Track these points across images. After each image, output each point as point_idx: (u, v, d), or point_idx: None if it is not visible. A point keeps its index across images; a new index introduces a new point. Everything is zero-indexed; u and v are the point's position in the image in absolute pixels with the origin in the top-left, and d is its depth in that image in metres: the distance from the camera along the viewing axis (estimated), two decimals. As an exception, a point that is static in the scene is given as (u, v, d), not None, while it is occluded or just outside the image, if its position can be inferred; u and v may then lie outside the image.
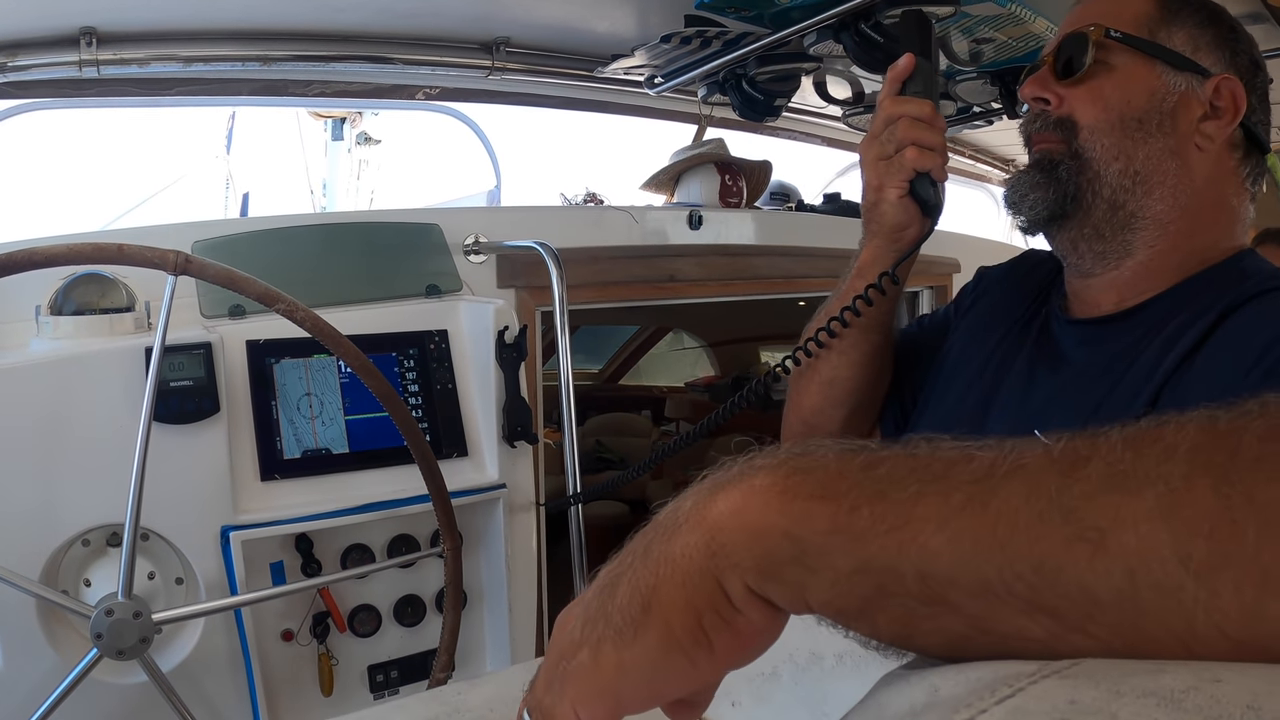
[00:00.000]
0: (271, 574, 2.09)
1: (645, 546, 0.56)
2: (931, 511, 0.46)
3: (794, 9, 2.25)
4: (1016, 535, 0.43)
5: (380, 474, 2.19)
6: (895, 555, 0.46)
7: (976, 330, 1.57)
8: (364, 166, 4.13)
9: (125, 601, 1.68)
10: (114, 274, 2.02)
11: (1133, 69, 1.29)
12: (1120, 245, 1.31)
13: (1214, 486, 0.40)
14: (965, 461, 0.48)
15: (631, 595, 0.55)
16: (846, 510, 0.48)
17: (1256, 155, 1.34)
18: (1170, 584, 0.40)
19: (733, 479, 0.53)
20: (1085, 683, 0.40)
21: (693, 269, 3.04)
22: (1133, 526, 0.41)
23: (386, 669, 2.27)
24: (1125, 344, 1.25)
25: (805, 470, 0.51)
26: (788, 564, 0.49)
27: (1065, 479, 0.44)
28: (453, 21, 2.58)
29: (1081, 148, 1.30)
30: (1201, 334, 1.13)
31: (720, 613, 0.52)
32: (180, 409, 1.90)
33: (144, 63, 2.34)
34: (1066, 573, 0.42)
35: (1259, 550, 0.38)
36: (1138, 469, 0.42)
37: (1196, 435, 0.43)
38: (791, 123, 3.85)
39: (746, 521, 0.51)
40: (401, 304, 2.41)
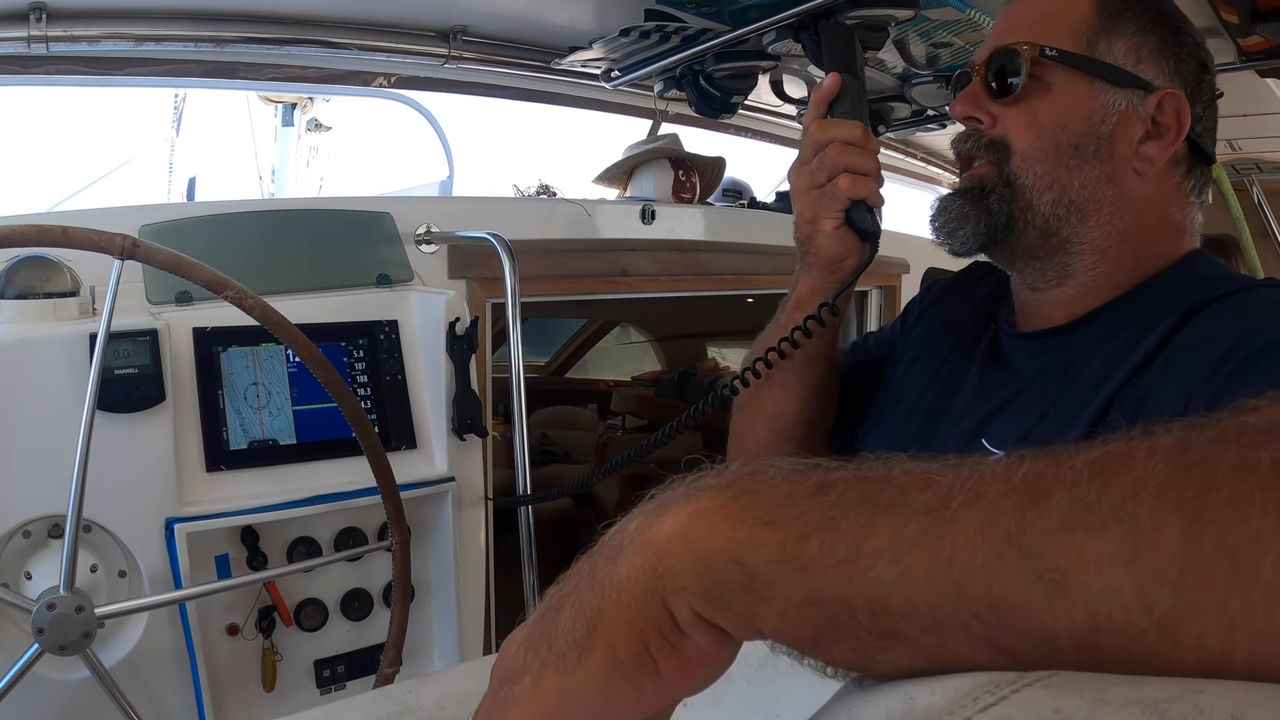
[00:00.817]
0: (217, 567, 2.05)
1: (590, 569, 0.55)
2: (884, 544, 0.45)
3: (753, 7, 2.24)
4: (972, 574, 0.42)
5: (328, 466, 2.16)
6: (846, 587, 0.45)
7: (925, 344, 1.55)
8: (314, 153, 4.08)
9: (67, 595, 1.64)
10: (58, 257, 1.97)
11: (1069, 89, 1.24)
12: (1058, 266, 1.28)
13: (1184, 527, 0.39)
14: (920, 488, 0.47)
15: (575, 619, 0.53)
16: (795, 539, 0.47)
17: (1202, 166, 1.30)
18: (1133, 632, 0.39)
19: (678, 499, 0.53)
20: (1069, 692, 0.40)
21: (645, 264, 3.04)
22: (1095, 569, 0.40)
23: (333, 664, 2.24)
24: (1075, 354, 1.23)
25: (752, 493, 0.50)
26: (736, 591, 0.48)
27: (1025, 513, 0.43)
28: (410, 8, 2.55)
29: (1014, 174, 1.25)
30: (1159, 340, 1.10)
31: (667, 637, 0.51)
32: (125, 397, 1.86)
33: (94, 40, 2.29)
34: (1025, 614, 0.41)
35: (1227, 600, 0.38)
36: (1103, 503, 0.41)
37: (1167, 467, 0.41)
38: (747, 120, 3.86)
39: (692, 544, 0.50)
40: (351, 293, 2.38)
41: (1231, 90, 2.88)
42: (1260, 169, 4.10)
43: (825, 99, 1.41)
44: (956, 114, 1.31)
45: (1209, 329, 1.06)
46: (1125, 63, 1.24)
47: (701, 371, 6.38)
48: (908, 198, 5.03)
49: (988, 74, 1.27)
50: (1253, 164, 4.03)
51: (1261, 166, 4.06)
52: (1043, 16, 1.28)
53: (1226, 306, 1.09)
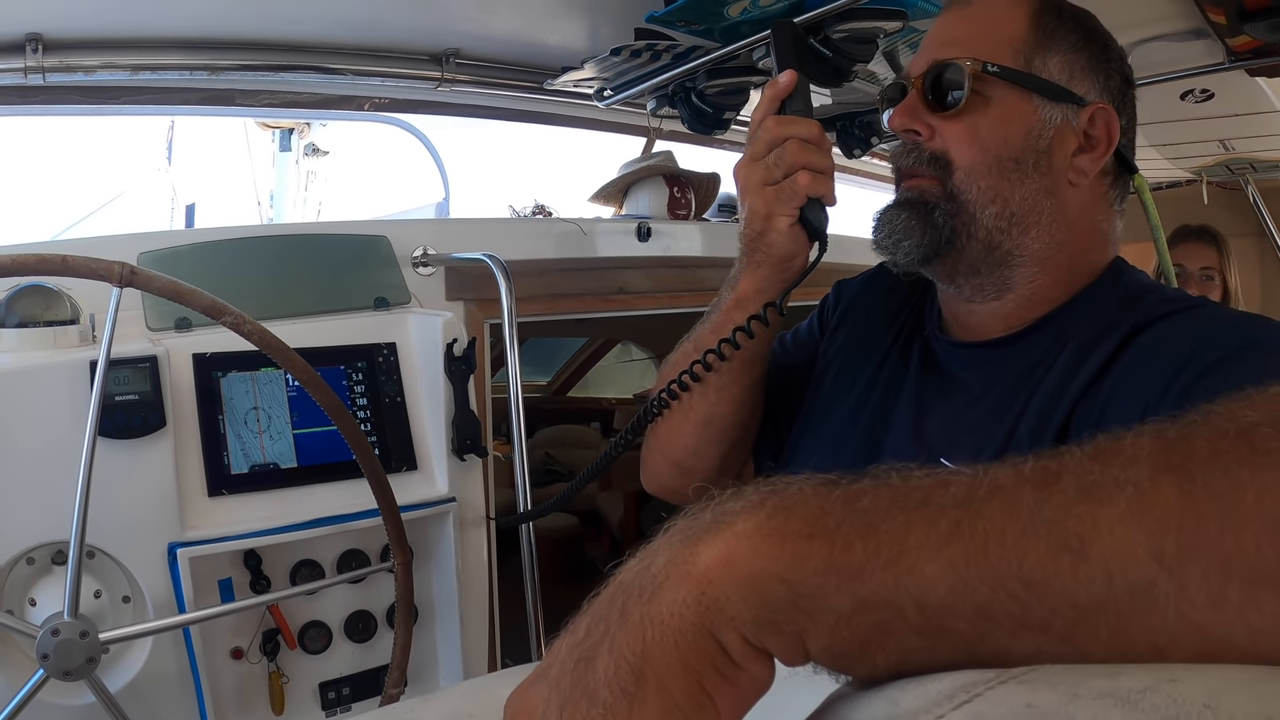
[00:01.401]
0: (220, 591, 2.06)
1: (621, 610, 0.53)
2: (923, 539, 0.46)
3: (743, 23, 2.26)
4: (1006, 552, 0.44)
5: (329, 489, 2.16)
6: (893, 589, 0.46)
7: (851, 351, 1.55)
8: (312, 178, 4.09)
9: (71, 621, 1.65)
10: (58, 286, 1.99)
11: (1009, 105, 1.25)
12: (999, 280, 1.29)
13: (1177, 484, 0.43)
14: (942, 487, 0.49)
15: (617, 666, 0.51)
16: (841, 548, 0.48)
17: (1125, 176, 1.33)
18: (1145, 581, 0.42)
19: (711, 527, 0.52)
20: (1042, 686, 0.41)
21: (641, 281, 3.05)
22: (1109, 531, 0.43)
23: (338, 686, 2.24)
24: (1024, 366, 1.23)
25: (788, 509, 0.50)
26: (785, 610, 0.48)
27: (1041, 493, 0.46)
28: (402, 33, 2.57)
29: (957, 189, 1.26)
30: (1107, 356, 1.12)
31: (721, 671, 0.50)
32: (126, 423, 1.87)
33: (90, 70, 2.31)
34: (1053, 584, 0.43)
35: (1221, 539, 0.42)
36: (1106, 477, 0.45)
37: (1153, 443, 0.46)
38: (740, 135, 3.84)
39: (738, 570, 0.49)
40: (349, 316, 2.39)
41: (1222, 90, 2.92)
42: (1255, 168, 4.12)
43: (780, 96, 1.39)
44: (894, 126, 1.31)
45: (1158, 347, 1.08)
46: (1060, 78, 1.26)
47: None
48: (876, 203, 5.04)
49: (925, 87, 1.27)
50: (1247, 163, 4.05)
51: (1256, 165, 4.08)
52: (980, 33, 1.29)
53: (1172, 325, 1.12)
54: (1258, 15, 2.13)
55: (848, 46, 2.20)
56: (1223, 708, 0.36)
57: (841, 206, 1.40)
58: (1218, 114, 3.18)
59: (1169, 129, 3.42)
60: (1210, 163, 4.06)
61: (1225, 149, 3.78)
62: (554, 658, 0.55)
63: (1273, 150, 3.77)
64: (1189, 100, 3.00)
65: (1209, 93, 2.95)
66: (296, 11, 2.31)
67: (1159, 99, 3.01)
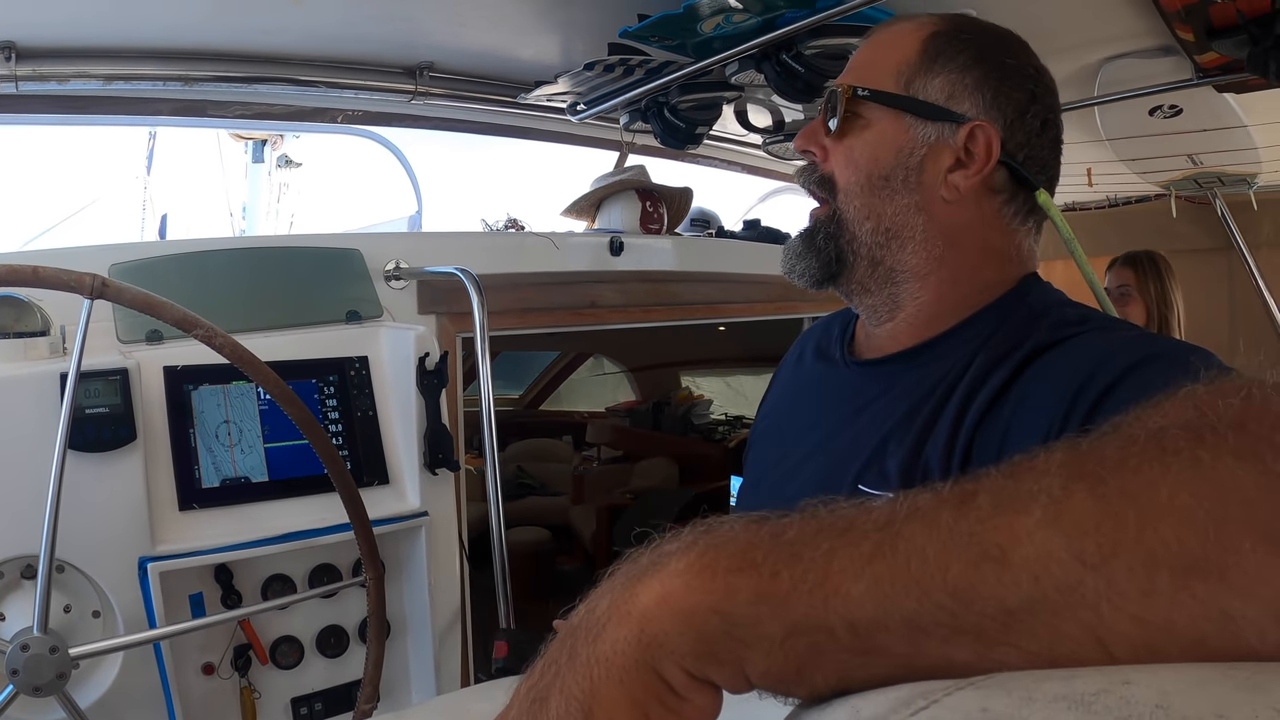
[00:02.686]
0: (191, 606, 2.04)
1: (569, 652, 0.55)
2: (847, 563, 0.48)
3: (716, 39, 2.27)
4: (929, 568, 0.46)
5: (300, 503, 2.15)
6: (822, 611, 0.48)
7: (782, 392, 1.60)
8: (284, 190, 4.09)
9: (41, 636, 1.64)
10: (29, 297, 1.98)
11: (882, 126, 1.29)
12: (888, 299, 1.32)
13: (1090, 489, 0.46)
14: (864, 514, 0.51)
15: (568, 704, 0.53)
16: (768, 577, 0.50)
17: (1027, 193, 1.31)
18: (1072, 581, 0.44)
19: (648, 568, 0.54)
20: (998, 691, 0.42)
21: (614, 295, 3.05)
22: (1028, 538, 0.45)
23: (310, 701, 2.23)
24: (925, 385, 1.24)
25: (718, 546, 0.52)
26: (721, 640, 0.50)
27: (959, 510, 0.48)
28: (377, 46, 2.57)
29: (839, 209, 1.31)
30: (1005, 380, 1.13)
31: (666, 704, 0.52)
32: (96, 437, 1.86)
33: (64, 79, 2.30)
34: (979, 591, 0.45)
35: (1141, 534, 0.43)
36: (1020, 489, 0.47)
37: (1065, 455, 0.49)
38: (713, 150, 3.89)
39: (673, 606, 0.51)
40: (322, 330, 2.39)
41: (1190, 106, 2.95)
42: (1223, 182, 4.17)
43: None
44: (796, 148, 1.37)
45: (1054, 372, 1.09)
46: (938, 98, 1.27)
47: (675, 401, 6.40)
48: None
49: (825, 111, 1.33)
50: (1215, 177, 4.10)
51: (1223, 179, 4.13)
52: (873, 59, 1.33)
53: (1068, 349, 1.12)
54: (1225, 33, 2.17)
55: (819, 63, 2.22)
56: (1175, 708, 0.37)
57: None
58: (1186, 129, 3.22)
59: (1138, 144, 3.46)
60: (1179, 177, 4.11)
61: (1194, 163, 3.83)
62: (514, 700, 0.58)
63: (1240, 165, 3.82)
64: (1158, 116, 3.04)
65: (1177, 108, 2.99)
66: (270, 23, 2.31)
67: (1128, 114, 3.05)
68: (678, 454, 5.95)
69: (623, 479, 5.78)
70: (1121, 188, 4.47)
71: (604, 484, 5.72)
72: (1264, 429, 0.46)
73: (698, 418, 6.31)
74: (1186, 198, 4.42)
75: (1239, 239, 4.51)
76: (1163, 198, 4.45)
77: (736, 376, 6.82)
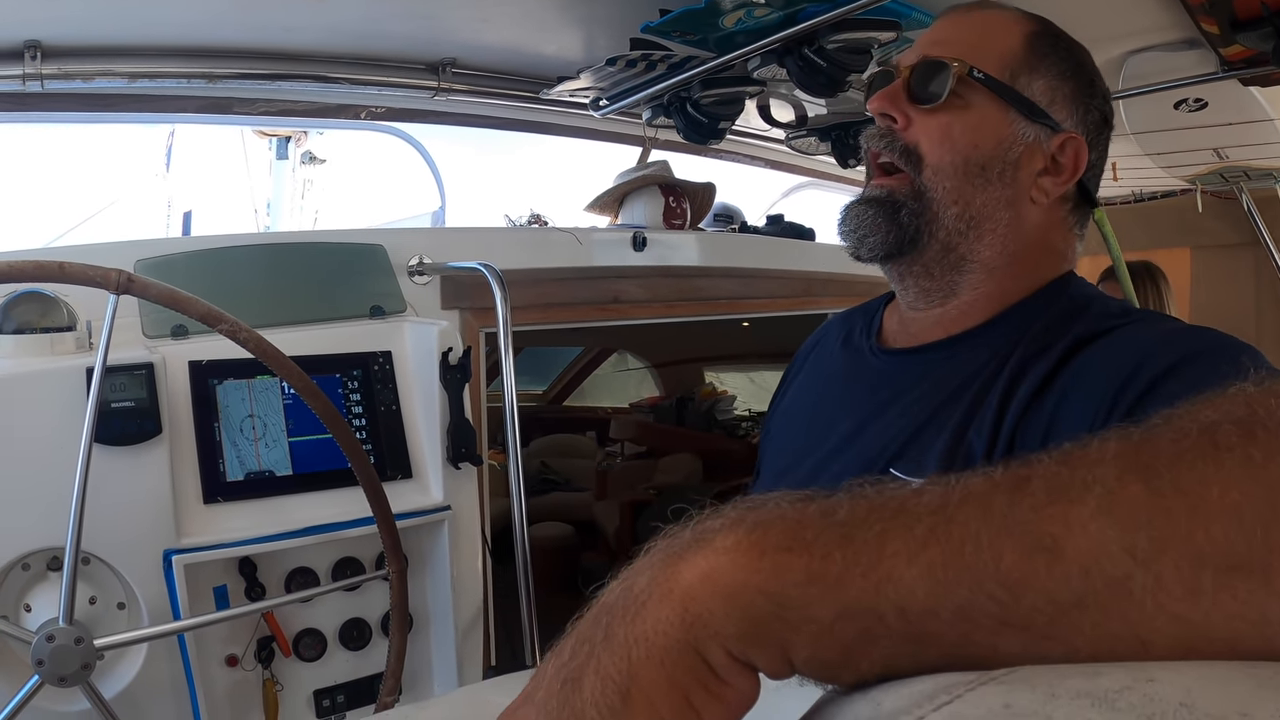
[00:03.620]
0: (215, 598, 2.05)
1: (605, 631, 0.53)
2: (900, 546, 0.47)
3: (738, 33, 2.27)
4: (982, 555, 0.45)
5: (324, 496, 2.16)
6: (874, 596, 0.47)
7: (803, 383, 1.59)
8: (309, 186, 4.10)
9: (66, 627, 1.65)
10: (55, 292, 2.00)
11: (987, 112, 1.28)
12: (947, 285, 1.32)
13: (1145, 481, 0.45)
14: (916, 496, 0.50)
15: (604, 686, 0.51)
16: (820, 558, 0.48)
17: (1085, 207, 1.36)
18: (1120, 575, 0.43)
19: (691, 544, 0.52)
20: (1021, 687, 0.42)
21: (637, 290, 3.05)
22: (1082, 529, 0.44)
23: (333, 694, 2.24)
24: (964, 373, 1.24)
25: (767, 524, 0.51)
26: (768, 622, 0.48)
27: (1013, 497, 0.47)
28: (400, 42, 2.58)
29: (925, 186, 1.28)
30: (1050, 368, 1.13)
31: (707, 687, 0.50)
32: (122, 430, 1.88)
33: (88, 77, 2.32)
34: (1030, 583, 0.44)
35: (1191, 531, 0.43)
36: (1075, 478, 0.46)
37: (1118, 445, 0.47)
38: (735, 145, 3.88)
39: (719, 585, 0.49)
40: (345, 325, 2.40)
41: (1215, 100, 2.93)
42: (1249, 176, 4.13)
43: None
44: (873, 109, 1.32)
45: (1101, 362, 1.09)
46: (1041, 100, 1.28)
47: (699, 397, 6.39)
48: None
49: (911, 78, 1.29)
50: (1241, 172, 4.07)
51: (1249, 174, 4.10)
52: (975, 40, 1.31)
53: (1114, 340, 1.13)
54: (1250, 25, 2.15)
55: (842, 57, 2.22)
56: (1199, 705, 0.37)
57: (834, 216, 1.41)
58: (1211, 123, 3.20)
59: (1163, 138, 3.44)
60: (1204, 171, 4.08)
61: (1219, 157, 3.80)
62: (540, 680, 0.56)
63: (1267, 159, 3.79)
64: (1183, 109, 3.02)
65: (1203, 102, 2.97)
66: (294, 20, 2.32)
67: (1153, 108, 3.03)
68: (701, 450, 5.93)
69: (646, 475, 5.76)
70: (1147, 182, 4.44)
71: (627, 480, 5.71)
72: None
73: (721, 413, 6.29)
74: (1212, 192, 4.39)
75: (1265, 234, 4.47)
76: (1188, 193, 4.42)
77: (760, 372, 6.80)
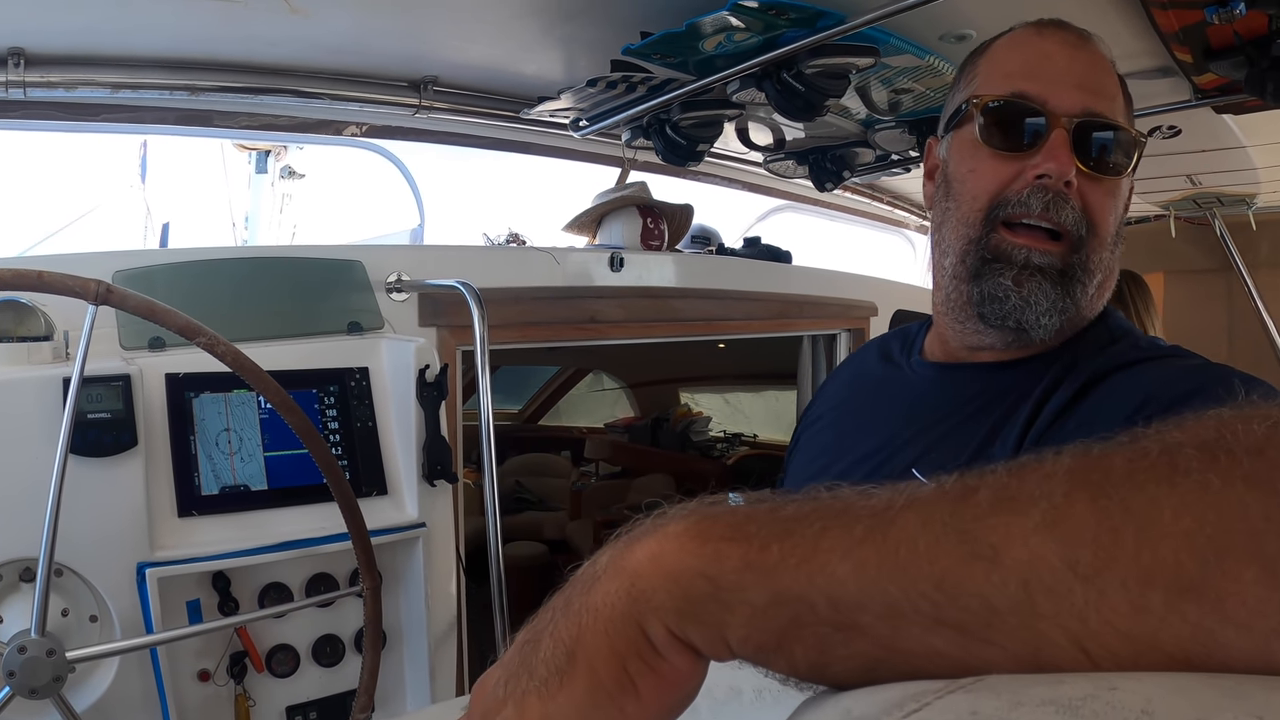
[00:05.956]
0: (188, 612, 2.05)
1: (565, 600, 0.58)
2: (836, 543, 0.49)
3: (718, 57, 2.29)
4: (917, 557, 0.47)
5: (299, 512, 2.16)
6: (806, 585, 0.49)
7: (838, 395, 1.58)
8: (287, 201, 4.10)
9: (38, 639, 1.64)
10: (33, 301, 1.99)
11: (1126, 176, 1.23)
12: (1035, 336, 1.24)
13: (1092, 499, 0.45)
14: (863, 499, 0.52)
15: (555, 647, 0.56)
16: (757, 548, 0.51)
17: None
18: (1061, 589, 0.44)
19: (647, 530, 0.56)
20: (987, 695, 0.43)
21: (614, 310, 3.06)
22: (1022, 540, 0.45)
23: (305, 710, 2.23)
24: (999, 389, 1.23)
25: (715, 516, 0.55)
26: (705, 602, 0.52)
27: (957, 505, 0.48)
28: (382, 59, 2.59)
29: (1089, 259, 1.20)
30: (1074, 392, 1.13)
31: (644, 657, 0.54)
32: (97, 441, 1.87)
33: (71, 86, 2.32)
34: (965, 587, 0.46)
35: (1138, 552, 0.43)
36: (1023, 490, 0.47)
37: (1072, 461, 0.48)
38: (714, 167, 3.91)
39: (663, 565, 0.53)
40: (323, 340, 2.40)
41: (1189, 127, 2.97)
42: (1221, 202, 4.18)
43: None
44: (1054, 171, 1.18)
45: (1119, 391, 1.10)
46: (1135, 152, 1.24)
47: (674, 417, 6.40)
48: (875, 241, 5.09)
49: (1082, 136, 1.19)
50: (1214, 198, 4.11)
51: (1222, 199, 4.14)
52: (1112, 93, 1.23)
53: (1136, 372, 1.12)
54: (1223, 54, 2.18)
55: (820, 81, 2.24)
56: (1160, 713, 0.38)
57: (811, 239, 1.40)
58: (1185, 149, 3.24)
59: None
60: (1178, 197, 4.12)
61: (1193, 184, 3.85)
62: (514, 643, 0.61)
63: (1239, 185, 3.84)
64: (1157, 136, 3.06)
65: (1176, 129, 3.00)
66: (277, 34, 2.33)
67: (1127, 135, 3.06)
68: (676, 470, 5.95)
69: (621, 494, 5.77)
70: (1121, 208, 4.48)
71: (602, 499, 5.72)
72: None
73: (696, 434, 6.30)
74: (1186, 218, 4.43)
75: (1238, 259, 4.52)
76: (1162, 218, 4.46)
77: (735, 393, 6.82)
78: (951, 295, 1.29)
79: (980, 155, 1.24)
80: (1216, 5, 1.93)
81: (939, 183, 1.34)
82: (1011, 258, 1.21)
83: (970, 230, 1.24)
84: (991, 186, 1.23)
